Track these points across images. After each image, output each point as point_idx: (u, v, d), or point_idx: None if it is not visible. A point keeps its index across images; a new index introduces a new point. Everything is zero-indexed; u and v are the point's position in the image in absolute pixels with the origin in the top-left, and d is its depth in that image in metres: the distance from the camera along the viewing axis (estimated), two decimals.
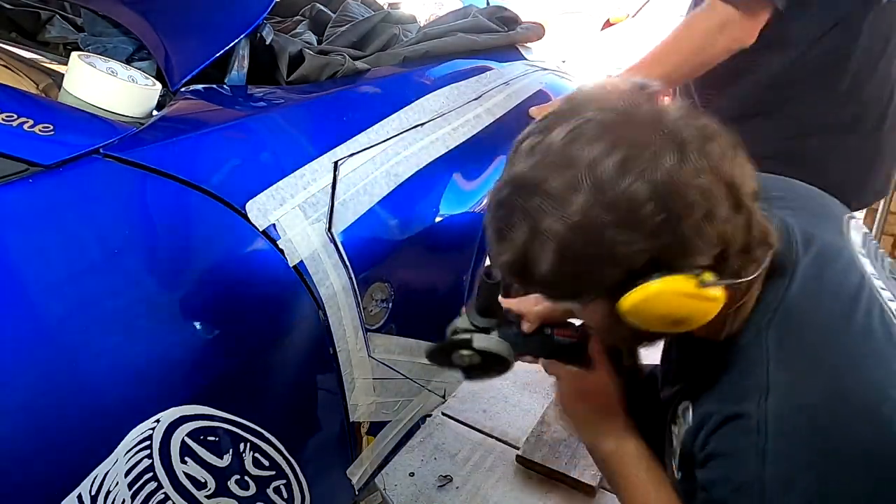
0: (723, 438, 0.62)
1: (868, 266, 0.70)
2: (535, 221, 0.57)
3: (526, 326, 0.81)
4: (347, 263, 0.85)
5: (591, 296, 0.62)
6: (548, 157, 0.57)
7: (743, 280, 0.60)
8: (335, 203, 0.86)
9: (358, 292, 0.86)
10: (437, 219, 1.04)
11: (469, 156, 1.12)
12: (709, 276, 0.57)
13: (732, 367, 0.65)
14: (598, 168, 0.55)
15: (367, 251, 0.90)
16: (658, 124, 0.56)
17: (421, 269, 1.02)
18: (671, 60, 1.13)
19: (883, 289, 0.69)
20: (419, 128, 1.05)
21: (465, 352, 0.79)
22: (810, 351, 0.62)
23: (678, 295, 0.57)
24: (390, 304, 0.96)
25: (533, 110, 1.22)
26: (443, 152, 1.06)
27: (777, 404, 0.60)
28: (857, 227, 0.77)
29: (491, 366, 0.80)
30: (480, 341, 0.78)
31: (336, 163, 0.89)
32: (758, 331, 0.64)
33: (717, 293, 0.58)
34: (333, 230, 0.85)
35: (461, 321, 0.81)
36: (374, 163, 0.95)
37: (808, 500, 0.57)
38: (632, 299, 0.58)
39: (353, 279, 0.86)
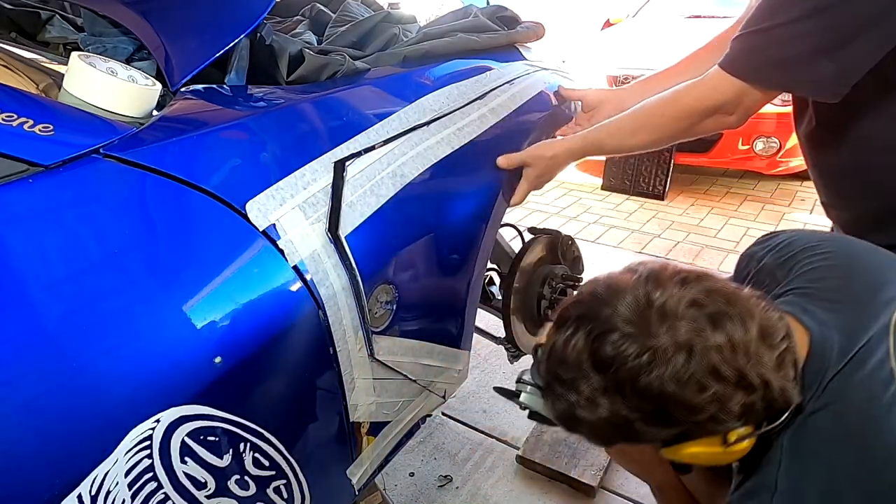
0: None
1: None
2: (572, 409, 0.70)
3: None
4: (351, 263, 0.85)
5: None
6: (580, 357, 0.68)
7: (771, 427, 0.68)
8: (342, 205, 0.86)
9: (361, 293, 0.86)
10: (443, 220, 1.04)
11: (474, 156, 1.12)
12: (733, 437, 0.67)
13: (756, 463, 0.73)
14: (620, 372, 0.65)
15: (373, 253, 0.90)
16: (665, 321, 0.65)
17: (425, 271, 1.02)
18: (644, 134, 1.06)
19: None
20: (424, 128, 1.05)
21: (520, 400, 0.94)
22: (818, 460, 0.67)
23: (709, 454, 0.69)
24: (394, 307, 0.96)
25: (500, 160, 1.14)
26: (448, 152, 1.06)
27: None
28: None
29: (542, 418, 0.91)
30: (528, 399, 0.92)
31: (340, 163, 0.89)
32: (779, 436, 0.71)
33: (744, 444, 0.68)
34: (341, 232, 0.85)
35: (528, 373, 0.92)
36: (380, 164, 0.95)
37: None
38: (670, 455, 0.71)
39: (357, 279, 0.86)
